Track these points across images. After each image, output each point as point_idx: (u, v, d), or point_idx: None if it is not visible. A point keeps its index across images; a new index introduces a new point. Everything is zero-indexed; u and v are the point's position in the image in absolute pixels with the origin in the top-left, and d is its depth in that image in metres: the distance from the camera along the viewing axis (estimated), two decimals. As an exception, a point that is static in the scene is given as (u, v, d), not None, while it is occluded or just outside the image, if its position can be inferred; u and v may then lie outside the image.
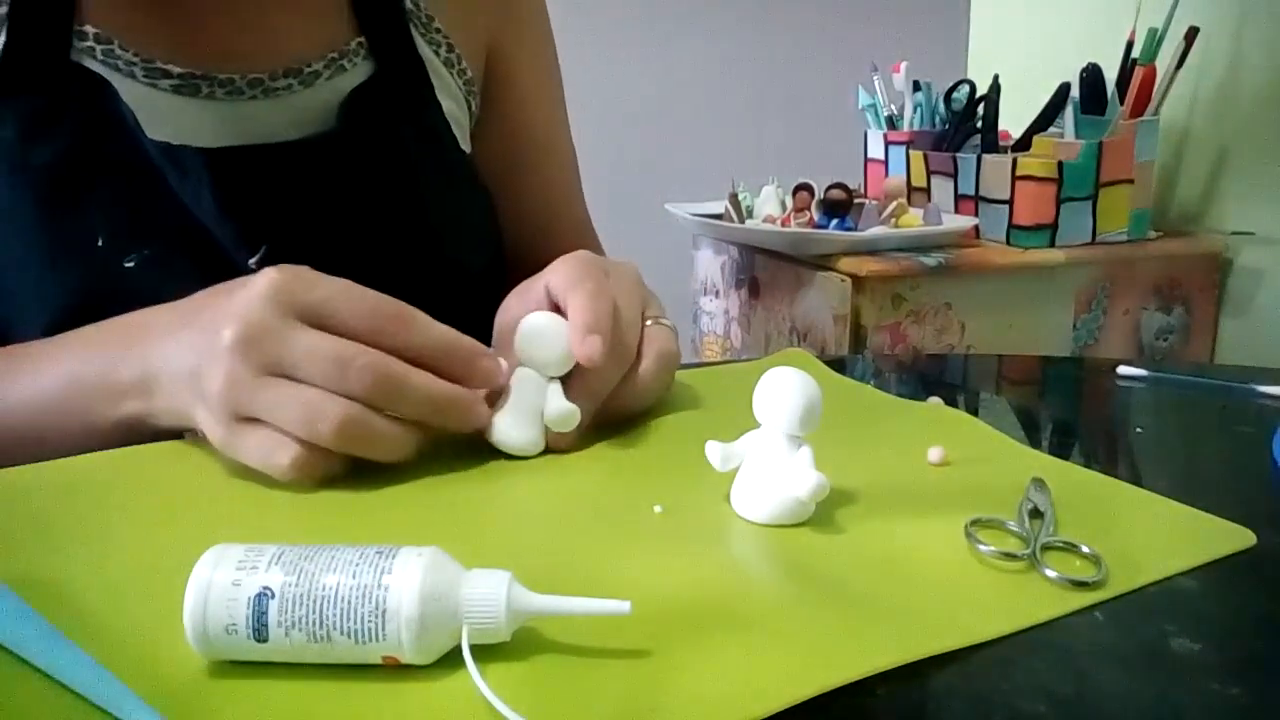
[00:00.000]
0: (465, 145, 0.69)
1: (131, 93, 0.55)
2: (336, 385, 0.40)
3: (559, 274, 0.49)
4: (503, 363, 0.45)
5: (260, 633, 0.28)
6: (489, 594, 0.29)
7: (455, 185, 0.67)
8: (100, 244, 0.53)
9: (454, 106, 0.68)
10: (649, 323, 0.51)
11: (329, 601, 0.28)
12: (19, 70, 0.53)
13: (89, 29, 0.54)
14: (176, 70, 0.56)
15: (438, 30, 0.66)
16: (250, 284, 0.41)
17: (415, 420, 0.43)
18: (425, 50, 0.66)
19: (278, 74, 0.59)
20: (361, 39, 0.63)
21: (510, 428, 0.45)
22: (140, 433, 0.46)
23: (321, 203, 0.60)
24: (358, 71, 0.62)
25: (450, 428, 0.44)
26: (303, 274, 0.42)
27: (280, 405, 0.40)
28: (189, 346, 0.42)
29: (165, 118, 0.56)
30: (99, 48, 0.54)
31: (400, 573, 0.28)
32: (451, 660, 0.29)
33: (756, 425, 0.40)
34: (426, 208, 0.64)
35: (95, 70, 0.55)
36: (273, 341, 0.40)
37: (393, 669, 0.29)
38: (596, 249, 0.79)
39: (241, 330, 0.40)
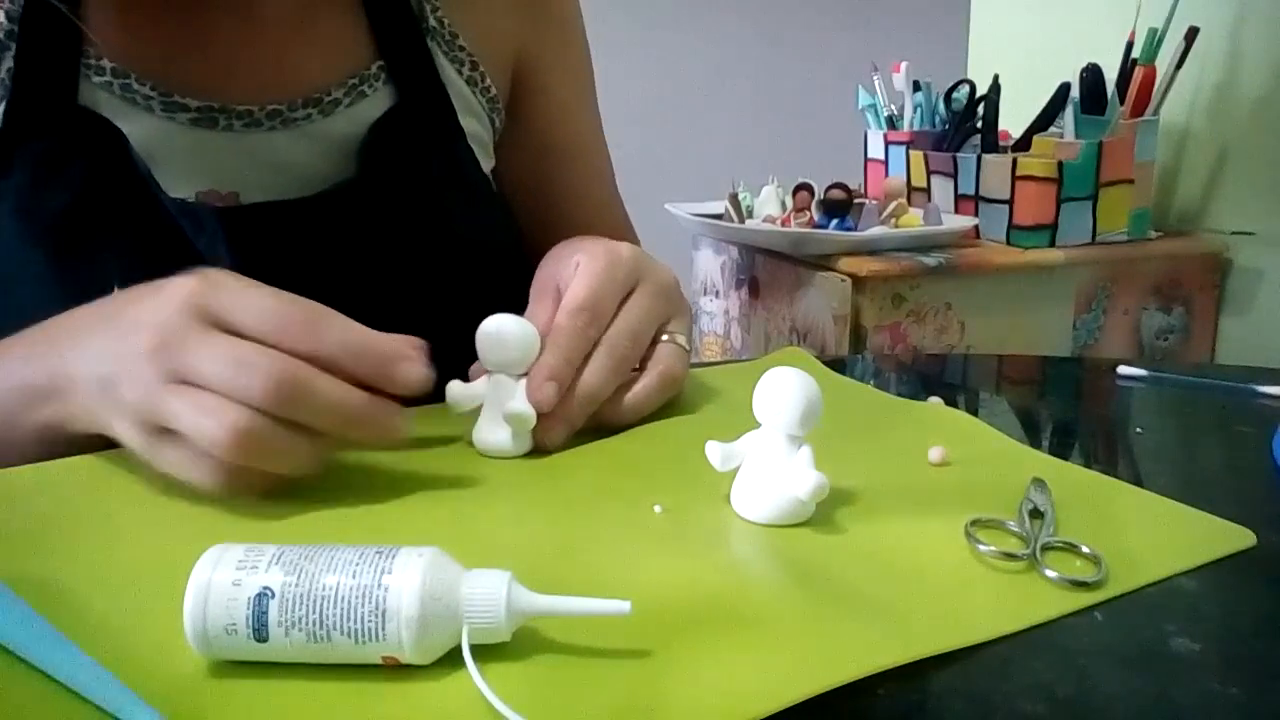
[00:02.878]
0: (487, 164, 0.68)
1: (149, 127, 0.55)
2: (238, 391, 0.38)
3: (578, 281, 0.49)
4: (419, 367, 0.41)
5: (260, 633, 0.28)
6: (489, 594, 0.29)
7: (479, 214, 0.65)
8: (115, 292, 0.53)
9: (476, 125, 0.66)
10: (664, 338, 0.51)
11: (329, 601, 0.28)
12: (29, 116, 0.52)
13: (105, 64, 0.54)
14: (194, 103, 0.56)
15: (461, 48, 0.65)
16: (165, 289, 0.40)
17: (325, 430, 0.40)
18: (448, 71, 0.64)
19: (296, 104, 0.58)
20: (382, 62, 0.62)
21: (488, 431, 0.46)
22: (61, 440, 0.44)
23: (341, 254, 0.59)
24: (378, 97, 0.61)
25: (365, 442, 0.42)
26: (217, 279, 0.40)
27: (183, 414, 0.38)
28: (104, 351, 0.41)
29: (183, 153, 0.56)
30: (116, 82, 0.54)
31: (400, 573, 0.28)
32: (451, 660, 0.29)
33: (756, 425, 0.40)
34: (450, 244, 0.63)
35: (114, 104, 0.54)
36: (180, 348, 0.38)
37: (393, 669, 0.29)
38: None
39: (153, 338, 0.39)
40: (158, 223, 0.54)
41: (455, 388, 0.47)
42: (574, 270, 0.50)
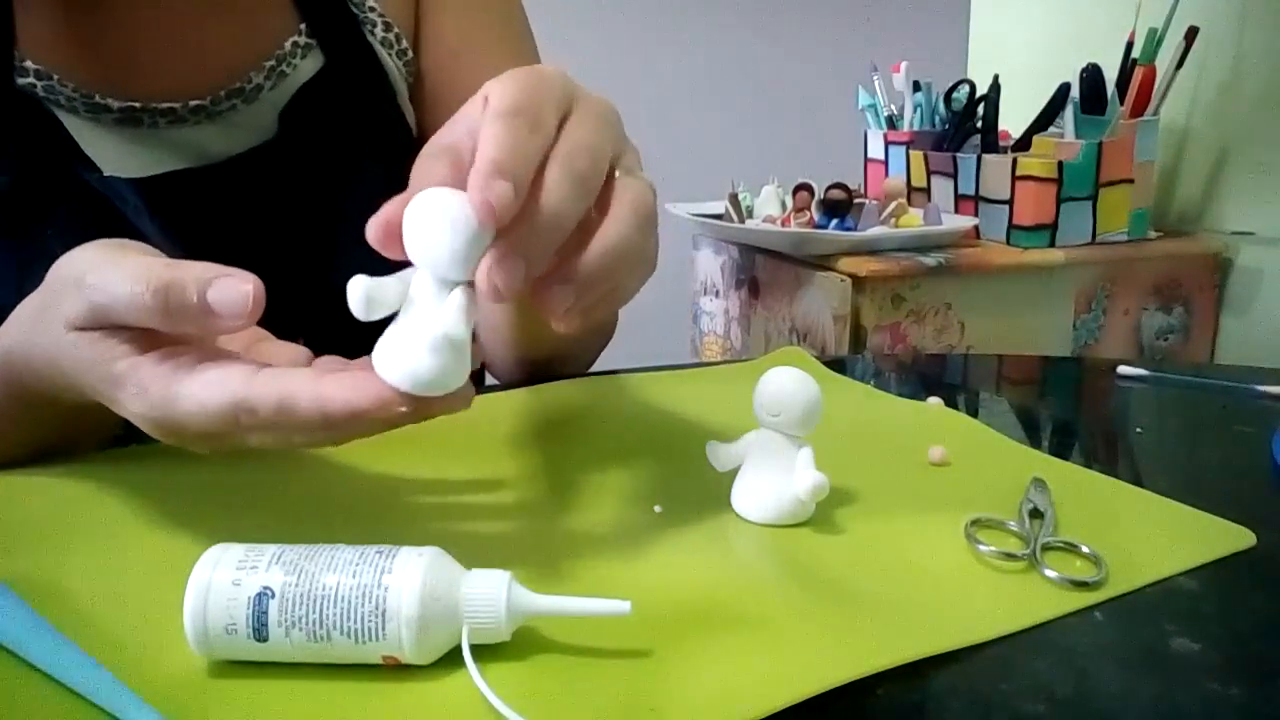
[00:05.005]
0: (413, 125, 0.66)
1: (75, 128, 0.55)
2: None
3: (500, 88, 0.34)
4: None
5: (260, 632, 0.28)
6: (489, 594, 0.29)
7: (408, 178, 0.64)
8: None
9: (398, 86, 0.65)
10: (619, 174, 0.37)
11: (329, 601, 0.28)
12: None
13: (29, 65, 0.54)
14: (116, 104, 0.55)
15: (372, 9, 0.63)
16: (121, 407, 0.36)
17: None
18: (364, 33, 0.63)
19: (220, 98, 0.58)
20: (297, 38, 0.61)
21: (400, 350, 0.31)
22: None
23: (263, 213, 0.58)
24: (299, 73, 0.61)
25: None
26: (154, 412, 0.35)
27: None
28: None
29: (110, 151, 0.55)
30: (39, 84, 0.54)
31: (400, 573, 0.28)
32: (451, 660, 0.29)
33: (756, 425, 0.40)
34: (376, 201, 0.61)
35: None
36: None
37: (393, 669, 0.29)
38: None
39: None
40: (92, 197, 0.54)
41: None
42: (482, 102, 0.34)
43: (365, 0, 0.63)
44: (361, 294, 0.31)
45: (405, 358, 0.31)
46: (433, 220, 0.31)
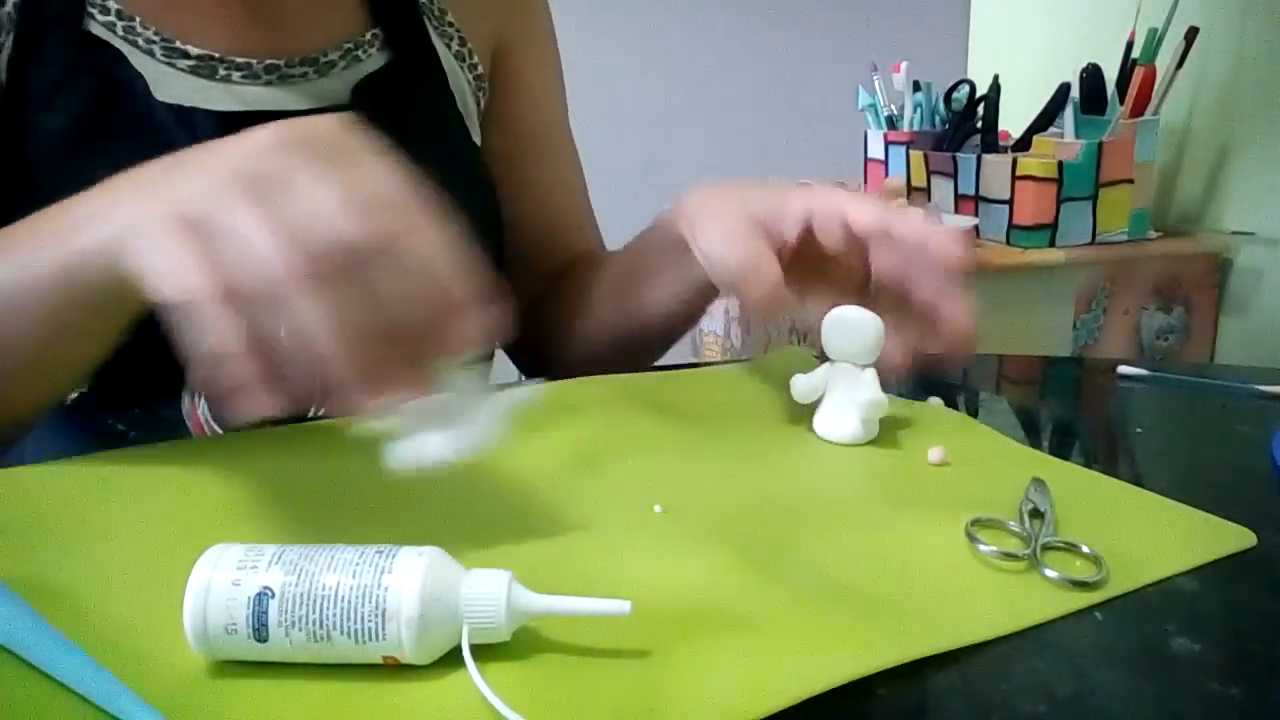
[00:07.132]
0: (476, 137, 0.70)
1: (147, 69, 0.56)
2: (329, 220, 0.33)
3: (861, 211, 0.48)
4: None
5: (260, 633, 0.28)
6: (489, 594, 0.29)
7: (463, 175, 0.67)
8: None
9: (465, 99, 0.69)
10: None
11: (329, 601, 0.28)
12: (33, 40, 0.54)
13: (111, 4, 0.55)
14: (195, 51, 0.57)
15: (450, 24, 0.68)
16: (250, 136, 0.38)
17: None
18: (437, 42, 0.67)
19: (294, 62, 0.60)
20: (376, 30, 0.64)
21: (835, 420, 0.48)
22: (77, 292, 0.40)
23: None
24: (372, 62, 0.64)
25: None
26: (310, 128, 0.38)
27: (253, 213, 0.33)
28: (170, 171, 0.38)
29: (178, 94, 0.57)
30: (119, 23, 0.55)
31: (400, 573, 0.28)
32: (451, 660, 0.29)
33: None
34: (434, 193, 0.63)
35: (115, 45, 0.55)
36: (275, 169, 0.35)
37: (393, 669, 0.29)
38: (601, 247, 0.79)
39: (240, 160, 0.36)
40: (151, 136, 0.55)
41: (800, 381, 0.49)
42: (794, 220, 0.48)
43: (445, 16, 0.68)
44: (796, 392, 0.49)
45: (837, 421, 0.48)
46: (854, 329, 0.49)
